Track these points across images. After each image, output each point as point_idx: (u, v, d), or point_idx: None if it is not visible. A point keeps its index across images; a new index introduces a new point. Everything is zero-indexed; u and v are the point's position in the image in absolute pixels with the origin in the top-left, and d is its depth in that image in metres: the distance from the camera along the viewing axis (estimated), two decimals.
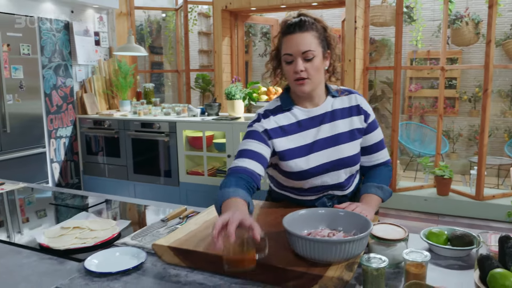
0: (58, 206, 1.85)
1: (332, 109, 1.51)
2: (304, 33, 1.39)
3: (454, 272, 1.16)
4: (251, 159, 1.41)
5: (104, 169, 4.18)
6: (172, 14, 6.15)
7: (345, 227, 1.21)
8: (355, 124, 1.52)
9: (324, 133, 1.49)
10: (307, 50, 1.38)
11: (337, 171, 1.49)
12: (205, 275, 1.16)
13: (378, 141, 1.57)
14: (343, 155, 1.48)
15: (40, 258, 1.30)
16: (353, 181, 1.58)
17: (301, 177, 1.47)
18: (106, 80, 4.40)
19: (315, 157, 1.46)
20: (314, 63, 1.40)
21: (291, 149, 1.46)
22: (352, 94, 1.55)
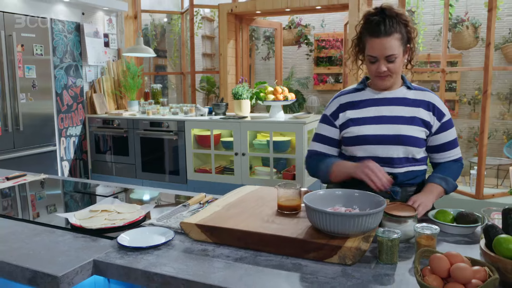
0: (84, 194, 1.94)
1: (403, 97, 1.63)
2: (388, 37, 1.50)
3: (461, 247, 1.25)
4: (321, 142, 1.70)
5: (112, 168, 4.27)
6: (177, 17, 6.27)
7: (359, 205, 1.31)
8: (421, 115, 1.60)
9: (387, 111, 1.61)
10: (391, 54, 1.51)
11: (391, 146, 1.57)
12: (230, 249, 1.25)
13: (452, 140, 1.65)
14: (400, 132, 1.56)
15: (74, 237, 1.39)
16: (406, 164, 1.59)
17: (356, 142, 1.61)
18: (115, 80, 4.50)
19: (369, 128, 1.59)
20: (396, 64, 1.54)
21: (355, 118, 1.62)
22: (428, 92, 1.67)
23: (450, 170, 1.63)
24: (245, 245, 1.24)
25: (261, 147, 3.75)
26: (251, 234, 1.23)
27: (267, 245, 1.21)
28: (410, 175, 1.61)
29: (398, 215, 1.27)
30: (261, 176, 3.69)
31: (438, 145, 1.64)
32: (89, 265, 1.20)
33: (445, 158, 1.67)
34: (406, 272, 1.10)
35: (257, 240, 1.22)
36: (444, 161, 1.67)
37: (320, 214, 1.17)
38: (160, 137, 3.98)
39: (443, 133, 1.63)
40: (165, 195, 1.91)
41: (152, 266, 1.16)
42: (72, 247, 1.30)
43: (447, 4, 4.44)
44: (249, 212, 1.41)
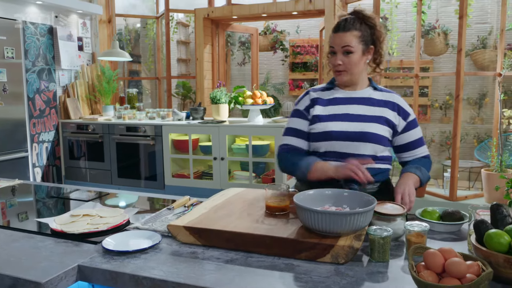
0: (61, 198, 1.87)
1: (369, 97, 1.69)
2: (346, 32, 1.59)
3: (449, 244, 1.27)
4: (295, 136, 1.72)
5: (86, 174, 4.16)
6: (152, 22, 6.20)
7: (349, 204, 1.31)
8: (386, 114, 1.66)
9: (353, 110, 1.66)
10: (346, 45, 1.59)
11: (355, 142, 1.61)
12: (220, 251, 1.23)
13: (418, 138, 1.72)
14: (365, 129, 1.61)
15: (55, 242, 1.33)
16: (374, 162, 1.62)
17: (322, 138, 1.64)
18: (89, 85, 4.40)
19: (335, 124, 1.64)
20: (351, 58, 1.60)
21: (322, 115, 1.67)
22: (394, 93, 1.74)
23: (421, 163, 1.69)
24: (235, 247, 1.22)
25: (240, 151, 3.73)
26: (242, 235, 1.21)
27: (258, 246, 1.19)
28: (372, 172, 1.61)
29: (387, 213, 1.28)
30: (240, 181, 3.67)
31: (405, 144, 1.71)
32: (73, 271, 1.16)
33: (413, 156, 1.73)
34: (399, 269, 1.10)
35: (247, 241, 1.20)
36: (412, 158, 1.73)
37: (311, 214, 1.16)
38: (137, 142, 3.91)
39: (409, 132, 1.70)
40: (144, 200, 1.87)
41: (140, 270, 1.12)
42: (54, 253, 1.25)
43: (420, 11, 4.56)
44: (237, 213, 1.39)
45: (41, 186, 2.13)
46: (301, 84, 7.46)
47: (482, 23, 5.86)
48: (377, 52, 1.67)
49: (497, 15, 5.81)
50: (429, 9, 5.15)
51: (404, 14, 5.83)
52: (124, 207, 1.76)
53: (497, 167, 4.18)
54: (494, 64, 5.74)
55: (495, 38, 5.84)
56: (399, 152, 1.74)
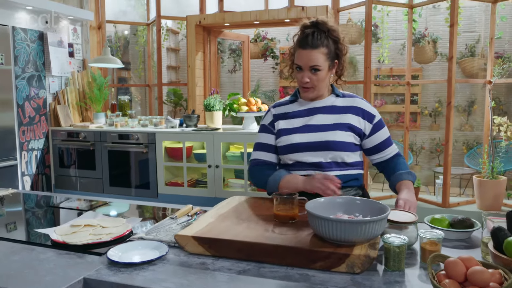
0: (59, 208, 1.82)
1: (331, 105, 1.72)
2: (314, 50, 1.59)
3: (462, 251, 1.26)
4: (263, 150, 1.77)
5: (77, 183, 4.08)
6: (143, 28, 6.16)
7: (361, 212, 1.29)
8: (350, 120, 1.69)
9: (316, 121, 1.69)
10: (314, 65, 1.60)
11: (319, 152, 1.65)
12: (231, 262, 1.19)
13: (386, 138, 1.74)
14: (327, 138, 1.64)
15: (57, 254, 1.28)
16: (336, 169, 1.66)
17: (287, 151, 1.69)
18: (80, 92, 4.33)
19: (298, 136, 1.68)
20: (319, 76, 1.63)
21: (285, 129, 1.72)
22: (356, 98, 1.76)
23: (403, 165, 1.71)
24: (246, 257, 1.19)
25: (235, 159, 3.70)
26: (254, 245, 1.17)
27: (270, 256, 1.16)
28: (342, 179, 1.63)
29: (399, 221, 1.26)
30: (235, 189, 3.64)
31: (374, 146, 1.73)
32: (79, 284, 1.11)
33: (385, 157, 1.75)
34: (416, 278, 1.08)
35: (259, 251, 1.17)
36: (385, 159, 1.75)
37: (325, 222, 1.13)
38: (129, 150, 3.85)
39: (376, 133, 1.72)
40: (142, 208, 1.82)
41: (151, 282, 1.08)
42: (57, 265, 1.20)
43: (411, 20, 4.61)
44: (245, 222, 1.36)
45: (30, 195, 2.07)
46: (291, 92, 7.49)
47: (470, 32, 5.96)
48: (340, 65, 1.70)
49: (484, 24, 5.91)
50: (420, 17, 5.21)
51: (394, 23, 5.90)
52: (126, 217, 1.72)
53: (488, 174, 4.22)
54: (482, 72, 5.84)
55: (482, 46, 5.94)
56: (370, 154, 1.76)
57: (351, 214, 1.29)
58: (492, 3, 4.29)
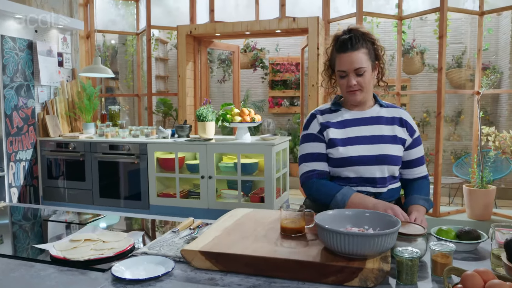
0: (53, 222, 1.77)
1: (378, 115, 1.67)
2: (355, 51, 1.56)
3: (472, 263, 1.25)
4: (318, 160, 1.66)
5: (66, 194, 3.99)
6: (132, 38, 6.12)
7: (370, 225, 1.27)
8: (397, 132, 1.64)
9: (367, 131, 1.63)
10: (359, 67, 1.56)
11: (374, 166, 1.59)
12: (240, 277, 1.16)
13: (420, 156, 1.70)
14: (384, 152, 1.59)
15: (58, 270, 1.24)
16: (388, 183, 1.62)
17: (342, 164, 1.60)
18: (69, 102, 4.27)
19: (355, 148, 1.60)
20: (365, 77, 1.58)
21: (339, 139, 1.62)
22: (399, 109, 1.72)
23: (426, 190, 1.66)
24: (255, 272, 1.16)
25: (228, 169, 3.67)
26: (263, 260, 1.15)
27: (281, 271, 1.14)
28: (392, 193, 1.65)
29: (409, 233, 1.25)
30: (228, 200, 3.60)
31: (408, 161, 1.68)
32: None
33: (414, 175, 1.70)
34: None
35: (270, 266, 1.15)
36: (413, 177, 1.70)
37: (337, 235, 1.12)
38: (120, 160, 3.79)
39: (413, 149, 1.68)
40: (140, 221, 1.78)
41: None
42: (60, 282, 1.16)
43: (400, 31, 4.68)
44: (252, 236, 1.33)
45: (18, 208, 2.02)
46: (280, 102, 7.49)
47: (457, 43, 6.07)
48: (380, 66, 1.67)
49: (470, 35, 6.03)
50: (409, 29, 5.29)
51: (383, 34, 5.97)
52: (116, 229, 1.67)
53: (478, 183, 4.27)
54: (469, 83, 5.94)
55: (469, 57, 6.05)
56: (401, 168, 1.70)
57: (361, 227, 1.27)
58: (479, 15, 4.38)
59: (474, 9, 4.43)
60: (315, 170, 1.64)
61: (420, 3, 4.77)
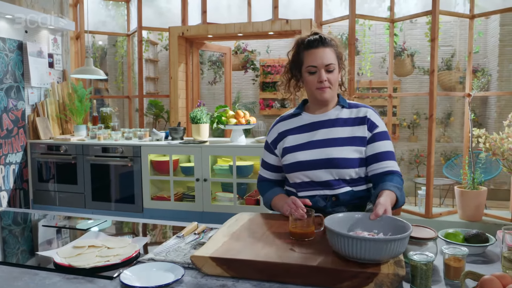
0: (53, 227, 1.73)
1: (336, 117, 1.66)
2: (326, 48, 1.58)
3: (482, 266, 1.25)
4: (266, 169, 1.80)
5: (57, 198, 3.92)
6: (122, 39, 6.05)
7: (380, 229, 1.27)
8: (356, 133, 1.62)
9: (320, 135, 1.63)
10: (330, 63, 1.58)
11: (325, 170, 1.59)
12: (252, 283, 1.15)
13: (387, 151, 1.60)
14: (332, 155, 1.58)
15: (64, 278, 1.21)
16: (342, 186, 1.60)
17: (293, 169, 1.65)
18: (60, 103, 4.20)
19: (303, 154, 1.62)
20: (334, 75, 1.61)
21: (290, 146, 1.67)
22: (363, 108, 1.68)
23: (396, 181, 1.52)
24: (268, 278, 1.15)
25: (223, 172, 3.64)
26: (277, 265, 1.13)
27: (294, 276, 1.13)
28: (353, 195, 1.61)
29: (418, 237, 1.25)
30: (224, 202, 3.58)
31: (372, 155, 1.59)
32: None
33: (382, 169, 1.57)
34: None
35: (283, 272, 1.13)
36: (380, 171, 1.57)
37: (348, 240, 1.10)
38: (113, 163, 3.74)
39: (376, 143, 1.60)
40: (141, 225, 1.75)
41: None
42: None
43: (392, 34, 4.71)
44: (261, 241, 1.32)
45: (7, 212, 1.97)
46: (271, 104, 7.49)
47: (446, 46, 6.14)
48: (341, 71, 1.68)
49: (459, 38, 6.11)
50: (401, 31, 5.33)
51: (374, 36, 6.01)
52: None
53: (469, 184, 4.31)
54: (458, 85, 6.01)
55: (458, 60, 6.13)
56: (366, 166, 1.61)
57: (371, 231, 1.27)
58: (470, 18, 4.43)
59: (465, 12, 4.49)
60: (262, 176, 1.81)
61: (412, 6, 4.81)
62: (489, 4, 4.68)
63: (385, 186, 1.47)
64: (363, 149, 1.61)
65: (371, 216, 1.28)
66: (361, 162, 1.61)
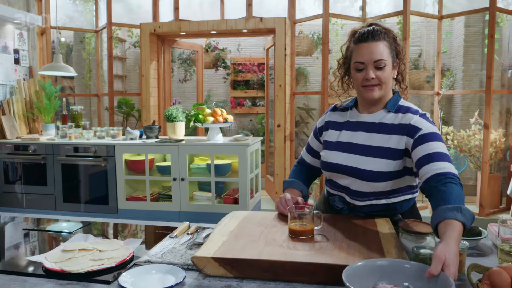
0: (34, 231, 1.64)
1: (379, 122, 1.50)
2: (377, 42, 1.42)
3: (478, 259, 1.28)
4: (308, 153, 1.76)
5: (24, 200, 3.75)
6: (91, 35, 5.87)
7: (411, 281, 1.01)
8: (391, 143, 1.45)
9: (358, 139, 1.51)
10: (379, 59, 1.41)
11: (349, 177, 1.51)
12: (257, 283, 1.12)
13: (436, 152, 1.32)
14: (360, 165, 1.47)
15: (57, 284, 1.14)
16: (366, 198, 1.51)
17: (323, 167, 1.61)
18: (27, 101, 4.02)
19: (336, 155, 1.55)
20: (385, 72, 1.43)
21: (329, 142, 1.61)
22: (411, 114, 1.46)
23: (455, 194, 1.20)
24: (273, 277, 1.13)
25: (200, 171, 3.60)
26: (283, 264, 1.12)
27: (299, 275, 1.11)
28: (376, 208, 1.52)
29: (416, 231, 1.26)
30: (201, 202, 3.53)
31: (417, 162, 1.35)
32: None
33: (431, 172, 1.29)
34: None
35: (288, 270, 1.11)
36: (429, 175, 1.28)
37: None
38: (86, 163, 3.61)
39: (418, 147, 1.36)
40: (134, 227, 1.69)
41: None
42: None
43: None
44: (261, 239, 1.29)
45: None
46: (242, 102, 7.46)
47: (414, 46, 6.30)
48: (401, 67, 1.51)
49: (426, 38, 6.29)
50: None
51: (346, 36, 6.09)
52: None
53: None
54: (425, 84, 6.19)
55: (425, 60, 6.30)
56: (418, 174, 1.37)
57: (399, 284, 1.01)
58: (439, 19, 4.57)
59: (434, 13, 4.62)
60: (301, 157, 1.80)
61: (383, 6, 4.91)
62: (456, 5, 4.84)
63: (442, 215, 1.12)
64: (397, 162, 1.44)
65: (425, 274, 0.96)
66: (394, 174, 1.45)
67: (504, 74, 5.60)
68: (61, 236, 1.56)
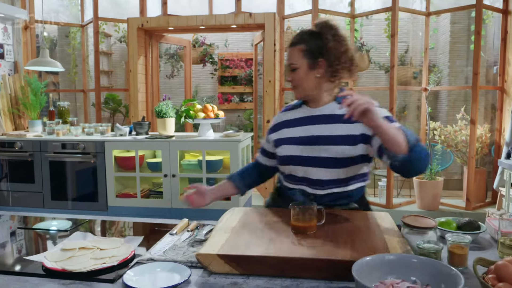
0: (29, 230, 1.60)
1: (331, 113, 1.58)
2: (291, 48, 1.59)
3: (478, 252, 1.30)
4: (261, 153, 1.83)
5: (10, 198, 3.68)
6: (76, 30, 5.76)
7: (419, 276, 1.02)
8: (356, 130, 1.50)
9: (315, 131, 1.58)
10: (290, 63, 1.59)
11: (316, 168, 1.55)
12: (263, 279, 1.12)
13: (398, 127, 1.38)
14: (319, 154, 1.54)
15: (59, 284, 1.12)
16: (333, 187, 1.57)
17: (281, 162, 1.66)
18: (12, 97, 3.93)
19: (295, 148, 1.60)
20: (296, 74, 1.58)
21: (283, 138, 1.65)
22: None
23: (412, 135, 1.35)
24: (280, 273, 1.13)
25: (191, 167, 3.57)
26: (290, 260, 1.11)
27: (307, 270, 1.11)
28: (335, 197, 1.58)
29: (419, 226, 1.27)
30: None
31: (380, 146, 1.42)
32: None
33: None
34: None
35: (295, 266, 1.11)
36: None
37: None
38: (74, 160, 3.55)
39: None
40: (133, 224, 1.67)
41: None
42: None
43: (353, 29, 4.81)
44: (265, 235, 1.29)
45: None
46: (230, 98, 7.43)
47: (400, 42, 6.35)
48: (331, 65, 1.54)
49: (412, 35, 6.35)
50: (361, 27, 5.45)
51: None
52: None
53: (427, 175, 4.51)
54: (412, 80, 6.25)
55: (411, 56, 6.37)
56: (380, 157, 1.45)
57: (406, 278, 1.01)
58: (426, 16, 4.61)
59: (422, 10, 4.66)
60: (256, 159, 1.87)
61: (372, 2, 4.93)
62: (443, 2, 4.89)
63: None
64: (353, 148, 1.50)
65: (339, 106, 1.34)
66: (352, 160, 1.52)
67: (490, 71, 5.70)
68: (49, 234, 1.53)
